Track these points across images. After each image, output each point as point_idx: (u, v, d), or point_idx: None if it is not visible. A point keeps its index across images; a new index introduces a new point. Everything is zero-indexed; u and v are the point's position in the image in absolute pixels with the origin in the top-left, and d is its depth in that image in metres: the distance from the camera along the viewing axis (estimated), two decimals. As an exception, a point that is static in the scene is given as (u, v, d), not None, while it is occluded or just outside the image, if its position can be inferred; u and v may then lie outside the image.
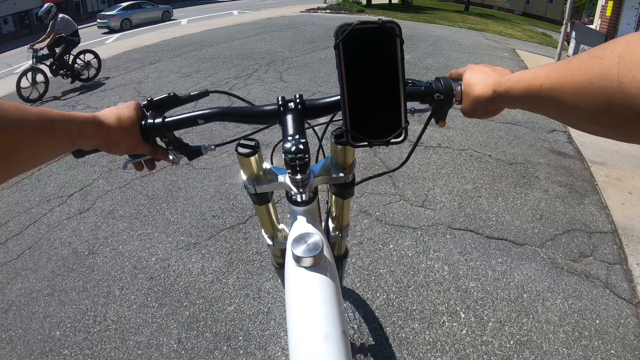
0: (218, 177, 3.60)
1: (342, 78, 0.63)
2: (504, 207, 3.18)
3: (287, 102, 0.77)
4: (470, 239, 2.80)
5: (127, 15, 20.45)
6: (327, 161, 0.87)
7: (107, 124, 0.70)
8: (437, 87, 0.76)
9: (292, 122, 0.75)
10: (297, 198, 0.85)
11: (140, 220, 3.05)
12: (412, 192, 3.35)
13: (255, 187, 0.84)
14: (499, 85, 0.64)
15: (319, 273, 0.71)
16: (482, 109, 0.70)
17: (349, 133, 0.66)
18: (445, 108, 0.77)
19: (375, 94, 0.65)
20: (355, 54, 0.63)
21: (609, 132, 0.43)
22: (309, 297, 0.68)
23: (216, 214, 3.07)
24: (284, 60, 8.20)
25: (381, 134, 0.67)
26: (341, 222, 1.05)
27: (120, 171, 3.83)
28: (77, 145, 0.65)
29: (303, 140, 0.69)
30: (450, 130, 4.64)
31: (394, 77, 0.65)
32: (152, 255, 2.70)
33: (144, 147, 0.78)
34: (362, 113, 0.66)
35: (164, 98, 0.81)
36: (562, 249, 2.74)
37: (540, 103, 0.52)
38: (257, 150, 0.79)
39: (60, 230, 3.06)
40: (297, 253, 0.71)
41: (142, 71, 7.88)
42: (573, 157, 4.17)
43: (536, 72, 0.53)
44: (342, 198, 0.96)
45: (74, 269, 2.66)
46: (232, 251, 2.68)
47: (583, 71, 0.42)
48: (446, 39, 12.21)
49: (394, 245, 2.72)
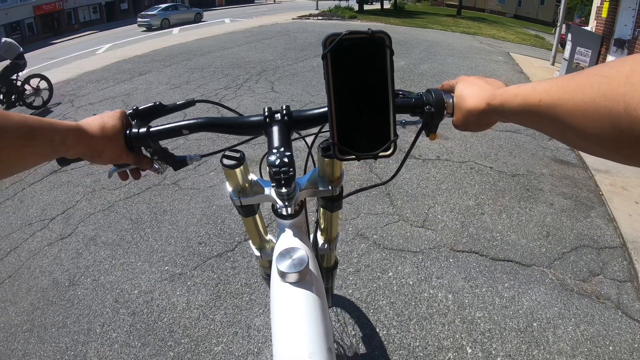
0: (205, 199, 3.41)
1: (329, 89, 0.61)
2: (509, 224, 3.02)
3: (274, 113, 0.76)
4: (475, 261, 2.63)
5: (166, 15, 23.08)
6: (315, 174, 0.86)
7: (90, 133, 0.69)
8: (428, 99, 0.74)
9: (277, 134, 0.73)
10: (282, 211, 0.83)
11: (123, 248, 2.86)
12: (411, 210, 3.17)
13: (240, 199, 0.82)
14: (493, 98, 0.61)
15: (304, 289, 0.69)
16: (475, 122, 0.68)
17: (336, 146, 0.64)
18: (436, 121, 0.75)
19: (363, 106, 0.63)
20: (344, 65, 0.61)
21: (611, 154, 0.41)
22: (293, 313, 0.66)
23: (203, 240, 2.88)
24: (276, 69, 8.04)
25: (369, 147, 0.65)
26: (330, 234, 1.06)
27: (104, 192, 3.64)
28: (60, 153, 0.65)
29: (288, 153, 0.68)
30: (449, 141, 4.48)
31: (383, 88, 0.63)
32: (135, 287, 2.51)
33: (128, 157, 0.77)
34: (350, 125, 0.64)
35: (149, 107, 0.80)
36: (571, 269, 2.60)
37: (538, 120, 0.50)
38: (242, 161, 0.77)
39: (41, 257, 2.87)
40: (281, 269, 0.69)
41: (131, 83, 7.69)
42: (576, 165, 4.05)
43: (535, 86, 0.51)
44: (330, 211, 0.95)
45: (54, 302, 2.47)
46: (219, 282, 2.49)
47: (587, 89, 0.40)
48: (440, 44, 12.14)
49: (393, 272, 2.54)
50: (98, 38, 20.40)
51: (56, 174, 4.13)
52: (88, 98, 6.92)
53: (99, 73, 8.81)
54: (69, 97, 7.13)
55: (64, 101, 6.96)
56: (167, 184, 3.68)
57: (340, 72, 0.61)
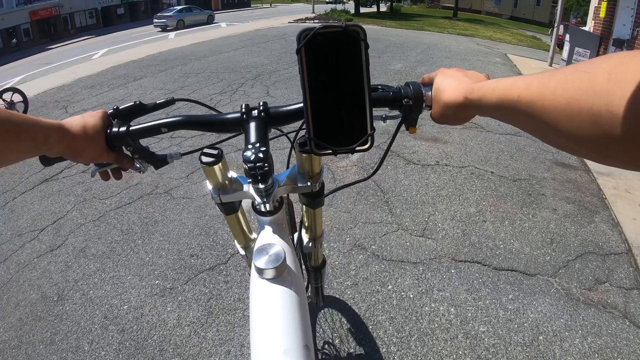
0: (198, 208, 3.30)
1: (304, 84, 0.61)
2: (512, 232, 2.93)
3: (251, 109, 0.76)
4: (478, 272, 2.54)
5: (182, 17, 24.52)
6: (294, 170, 0.85)
7: (72, 132, 0.70)
8: (406, 92, 0.74)
9: (254, 130, 0.73)
10: (261, 208, 0.82)
11: (112, 260, 2.75)
12: (410, 219, 3.08)
13: (220, 197, 0.82)
14: (471, 92, 0.60)
15: (281, 285, 0.69)
16: (452, 116, 0.67)
17: (313, 141, 0.63)
18: (415, 114, 0.75)
19: (340, 100, 0.63)
20: (319, 60, 0.60)
21: (590, 153, 0.40)
22: (270, 309, 0.66)
23: (194, 253, 2.77)
24: (271, 73, 7.96)
25: (347, 141, 0.64)
26: (315, 232, 1.05)
27: (95, 202, 3.54)
28: (42, 151, 0.66)
29: (263, 148, 0.67)
30: (448, 146, 4.40)
31: (359, 82, 0.62)
32: (124, 302, 2.40)
33: (108, 156, 0.78)
34: (327, 120, 0.63)
35: (130, 106, 0.80)
36: (576, 277, 2.52)
37: (516, 115, 0.49)
38: (220, 158, 0.76)
39: (30, 270, 2.77)
40: (258, 265, 0.69)
41: (125, 88, 7.60)
42: (578, 168, 3.97)
43: (514, 81, 0.49)
44: (312, 208, 0.95)
45: (42, 317, 2.37)
46: (211, 297, 2.38)
47: (568, 85, 0.39)
48: (437, 46, 12.11)
49: (393, 285, 2.44)
50: (94, 43, 20.33)
51: (47, 182, 4.03)
52: (82, 104, 6.82)
53: (94, 79, 8.72)
54: (63, 104, 7.03)
55: (58, 107, 6.85)
56: (160, 192, 3.58)
57: (315, 66, 0.60)
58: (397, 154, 4.20)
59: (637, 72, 0.33)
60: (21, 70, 13.68)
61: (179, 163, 4.07)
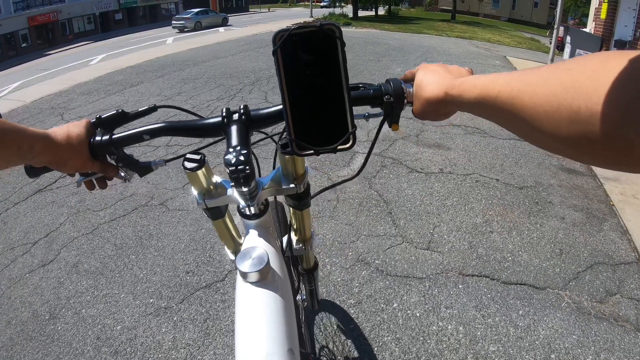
0: (194, 221, 3.19)
1: (282, 86, 0.61)
2: (520, 243, 2.83)
3: (232, 113, 0.76)
4: (486, 287, 2.44)
5: (199, 19, 25.88)
6: (278, 172, 0.86)
7: (56, 142, 0.70)
8: (387, 89, 0.74)
9: (235, 134, 0.73)
10: (246, 211, 0.82)
11: (106, 277, 2.64)
12: (415, 231, 2.97)
13: (205, 202, 0.81)
14: (452, 87, 0.60)
15: (265, 288, 0.68)
16: (433, 111, 0.67)
17: (294, 142, 0.64)
18: (396, 111, 0.75)
19: (319, 100, 0.63)
20: (296, 60, 0.60)
21: (567, 150, 0.39)
22: (253, 313, 0.66)
23: (190, 269, 2.65)
24: (269, 78, 7.87)
25: (328, 141, 0.64)
26: (304, 234, 1.05)
27: (88, 214, 3.43)
28: (26, 160, 0.66)
29: (244, 151, 0.68)
30: (452, 152, 4.30)
31: (337, 81, 0.62)
32: (118, 322, 2.29)
33: (93, 165, 0.78)
34: (307, 121, 0.63)
35: (112, 115, 0.81)
36: (587, 289, 2.42)
37: (496, 112, 0.48)
38: (203, 164, 0.76)
39: (21, 286, 2.66)
40: (241, 268, 0.69)
41: (122, 95, 7.50)
42: (584, 174, 3.89)
43: (495, 78, 0.49)
44: (299, 210, 0.95)
45: (33, 337, 2.26)
46: (208, 318, 2.27)
47: (549, 82, 0.39)
48: (436, 49, 12.06)
49: (398, 303, 2.33)
50: (92, 49, 20.22)
51: (41, 193, 3.92)
52: (78, 111, 6.72)
53: (90, 85, 8.62)
54: (60, 110, 6.93)
55: (54, 114, 6.75)
56: (155, 204, 3.47)
57: (293, 67, 0.60)
58: (400, 161, 4.10)
59: (618, 71, 0.33)
60: (19, 76, 13.57)
61: (175, 173, 3.97)
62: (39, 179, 4.13)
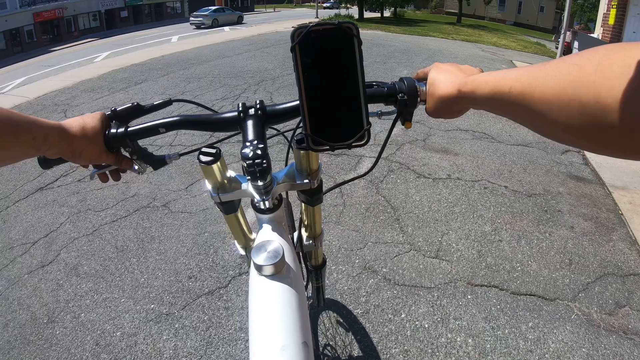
0: (197, 224, 3.12)
1: (299, 81, 0.62)
2: (529, 252, 2.76)
3: (248, 108, 0.76)
4: (495, 297, 2.37)
5: (216, 16, 27.15)
6: (292, 168, 0.86)
7: (71, 133, 0.70)
8: (401, 87, 0.75)
9: (252, 128, 0.74)
10: (260, 205, 0.83)
11: (106, 280, 2.59)
12: (423, 238, 2.90)
13: (219, 196, 0.81)
14: (464, 84, 0.61)
15: (279, 282, 0.68)
16: (447, 109, 0.68)
17: (309, 137, 0.64)
18: (410, 109, 0.76)
19: (335, 97, 0.64)
20: (313, 57, 0.61)
21: (579, 142, 0.41)
22: (268, 306, 0.66)
23: (193, 274, 2.59)
24: (275, 79, 7.81)
25: (343, 137, 0.65)
26: (314, 230, 1.05)
27: (89, 214, 3.38)
28: (41, 151, 0.66)
29: (261, 145, 0.68)
30: (459, 157, 4.23)
31: (354, 78, 0.63)
32: (118, 328, 2.23)
33: (107, 157, 0.78)
34: (323, 116, 0.64)
35: (127, 108, 0.80)
36: (596, 301, 2.37)
37: (508, 107, 0.49)
38: (219, 157, 0.76)
39: (20, 288, 2.61)
40: (257, 261, 0.69)
41: (126, 92, 7.46)
42: (592, 182, 3.83)
43: (506, 74, 0.50)
44: (312, 205, 0.95)
45: (31, 341, 2.20)
46: (210, 326, 2.20)
47: (558, 77, 0.40)
48: (442, 52, 11.99)
49: (406, 313, 2.26)
50: (97, 46, 20.22)
51: (42, 191, 3.87)
52: (81, 108, 6.68)
53: (94, 82, 8.58)
54: (63, 107, 6.89)
55: (57, 111, 6.71)
56: (157, 205, 3.41)
57: (310, 64, 0.61)
58: (407, 166, 4.03)
59: (623, 64, 0.34)
60: (23, 72, 13.55)
61: (178, 173, 3.92)
62: (40, 177, 4.09)
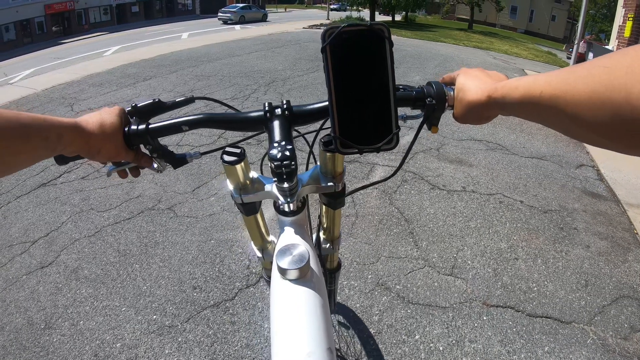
0: (203, 230, 3.01)
1: (329, 82, 0.60)
2: (545, 272, 2.66)
3: (274, 108, 0.75)
4: (511, 319, 2.27)
5: (243, 13, 28.13)
6: (316, 170, 0.83)
7: (88, 130, 0.68)
8: (429, 92, 0.74)
9: (278, 129, 0.72)
10: (284, 207, 0.81)
11: (107, 286, 2.49)
12: (438, 254, 2.79)
13: (241, 197, 0.79)
14: (494, 91, 0.61)
15: (304, 286, 0.66)
16: (476, 115, 0.67)
17: (338, 140, 0.63)
18: (437, 113, 0.75)
19: (364, 99, 0.62)
20: (344, 58, 0.60)
21: (611, 144, 0.41)
22: (293, 311, 0.64)
23: (198, 284, 2.48)
24: (285, 80, 7.72)
25: (371, 140, 0.64)
26: (332, 233, 1.03)
27: (92, 214, 3.28)
28: (57, 151, 0.64)
29: (290, 146, 0.65)
30: (474, 169, 4.12)
31: (384, 81, 0.62)
32: (118, 339, 2.13)
33: (127, 155, 0.75)
34: (351, 119, 0.63)
35: (148, 104, 0.77)
36: (612, 325, 2.28)
37: (539, 112, 0.49)
38: (243, 158, 0.74)
39: (17, 289, 2.51)
40: (282, 265, 0.67)
41: (134, 88, 7.38)
42: (607, 199, 3.73)
43: (535, 78, 0.50)
44: (333, 208, 0.93)
45: (27, 348, 2.11)
46: (215, 341, 2.09)
47: (588, 80, 0.40)
48: (453, 58, 11.89)
49: (420, 335, 2.15)
50: (107, 40, 20.17)
51: (45, 187, 3.79)
52: (88, 103, 6.61)
53: (103, 76, 8.52)
54: (70, 101, 6.83)
55: (64, 104, 6.64)
56: (162, 208, 3.32)
57: (340, 65, 0.60)
58: (421, 176, 3.92)
59: None
60: (32, 63, 13.52)
61: (184, 175, 3.83)
62: (43, 172, 4.02)
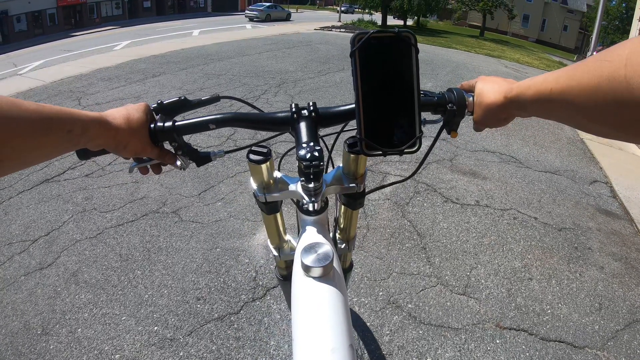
0: (209, 237, 2.91)
1: (357, 86, 0.62)
2: (559, 293, 2.57)
3: (301, 109, 0.76)
4: (524, 343, 2.17)
5: (269, 12, 28.63)
6: (339, 171, 0.85)
7: (114, 125, 0.68)
8: (450, 97, 0.76)
9: (305, 130, 0.74)
10: (308, 207, 0.81)
11: (107, 293, 2.40)
12: (451, 272, 2.69)
13: (265, 196, 0.81)
14: (509, 91, 0.64)
15: (327, 284, 0.67)
16: (494, 117, 0.70)
17: (363, 142, 0.64)
18: (457, 119, 0.76)
19: (389, 103, 0.64)
20: (371, 63, 0.62)
21: (618, 133, 0.42)
22: (316, 308, 0.65)
23: (202, 295, 2.38)
24: (296, 81, 7.64)
25: (395, 143, 0.65)
26: (348, 233, 1.04)
27: (94, 214, 3.20)
28: (80, 144, 0.64)
29: (318, 147, 0.68)
30: (487, 182, 4.02)
31: (409, 86, 0.64)
32: (117, 350, 2.04)
33: (152, 151, 0.76)
34: (376, 122, 0.64)
35: (174, 101, 0.79)
36: (624, 351, 2.21)
37: (551, 107, 0.52)
38: (269, 157, 0.77)
39: (15, 290, 2.44)
40: (306, 262, 0.67)
41: (143, 84, 7.32)
42: (621, 217, 3.65)
43: (545, 77, 0.53)
44: (352, 209, 0.93)
45: (22, 354, 2.03)
46: (219, 357, 1.99)
47: (591, 74, 0.42)
48: (465, 66, 11.79)
49: (432, 358, 2.05)
50: (118, 34, 20.16)
51: (48, 183, 3.72)
52: (96, 97, 6.56)
53: (112, 71, 8.48)
54: (78, 94, 6.78)
55: (71, 98, 6.59)
56: (167, 211, 3.23)
57: (368, 69, 0.62)
58: (434, 189, 3.83)
59: None
60: (42, 54, 13.49)
61: (191, 177, 3.75)
62: (47, 168, 3.95)
